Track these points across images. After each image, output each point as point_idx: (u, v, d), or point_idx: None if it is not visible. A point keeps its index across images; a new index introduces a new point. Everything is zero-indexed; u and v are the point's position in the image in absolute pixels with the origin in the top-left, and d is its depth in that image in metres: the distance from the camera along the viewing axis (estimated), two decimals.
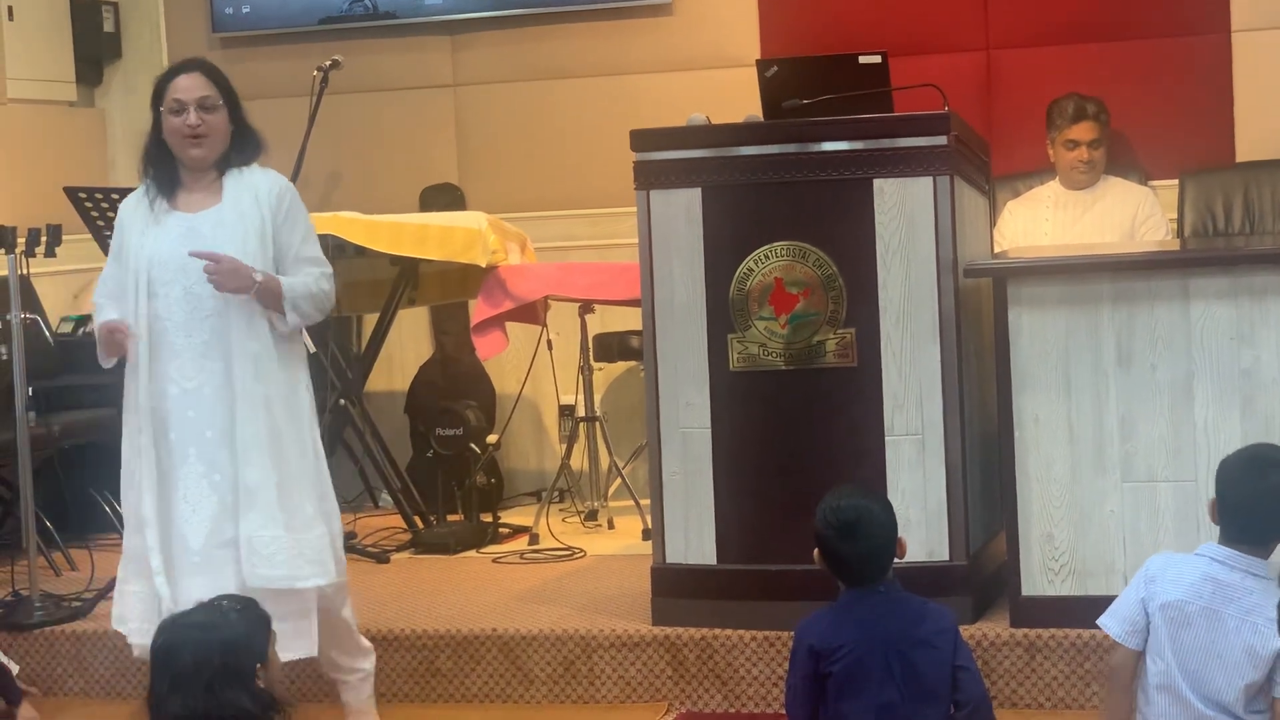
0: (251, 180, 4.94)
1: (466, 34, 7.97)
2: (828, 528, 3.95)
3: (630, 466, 7.15)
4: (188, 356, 4.85)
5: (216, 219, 4.87)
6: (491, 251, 6.78)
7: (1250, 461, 3.97)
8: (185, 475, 4.84)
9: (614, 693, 5.34)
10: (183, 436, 4.84)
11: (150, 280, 4.86)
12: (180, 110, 4.87)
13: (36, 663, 5.72)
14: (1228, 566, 3.85)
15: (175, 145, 4.90)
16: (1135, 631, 3.84)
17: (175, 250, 4.84)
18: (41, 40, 7.92)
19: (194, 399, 4.84)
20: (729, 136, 5.35)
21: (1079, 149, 6.87)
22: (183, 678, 3.40)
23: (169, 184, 4.92)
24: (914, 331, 5.17)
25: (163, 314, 4.86)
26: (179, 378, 4.85)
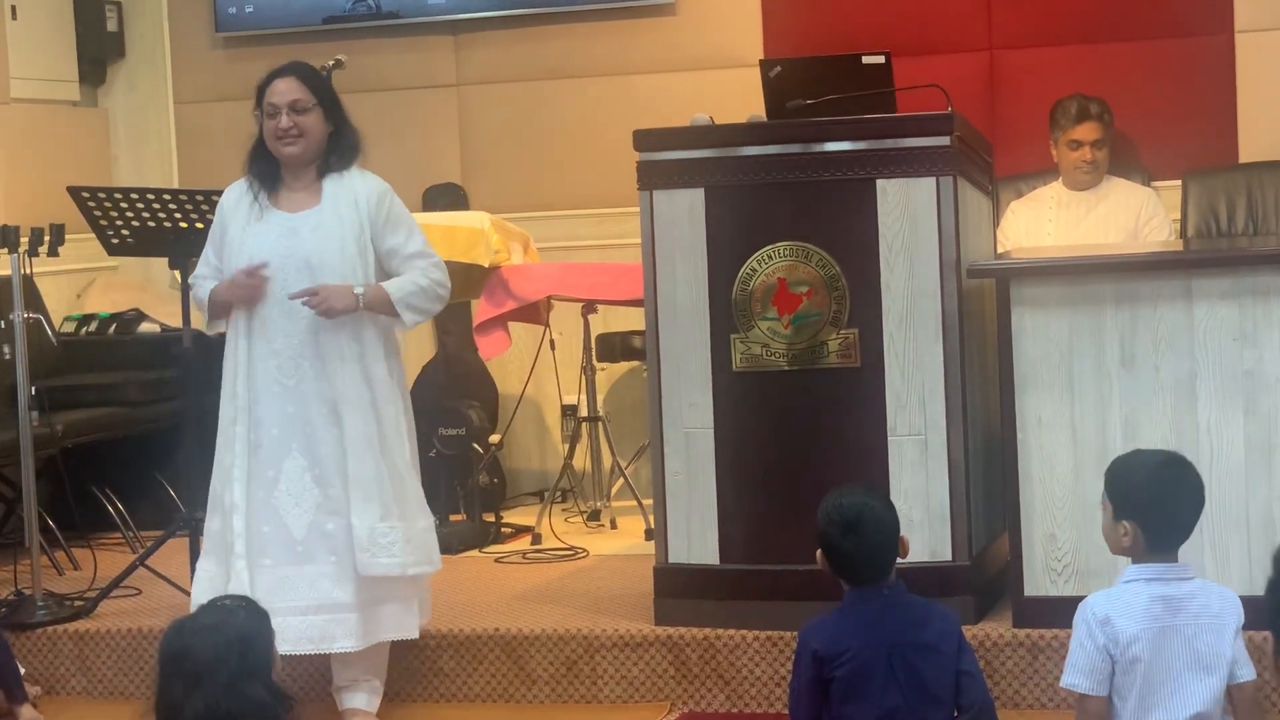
0: (350, 184, 5.10)
1: (469, 34, 7.97)
2: (830, 525, 3.95)
3: (633, 466, 7.15)
4: (286, 355, 5.02)
5: (316, 221, 5.04)
6: (494, 251, 6.78)
7: (1160, 471, 3.93)
8: (289, 469, 5.01)
9: (616, 693, 5.34)
10: (285, 432, 5.01)
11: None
12: (274, 114, 5.06)
13: (39, 662, 5.72)
14: (1164, 581, 3.84)
15: (271, 147, 5.09)
16: (1103, 679, 3.81)
17: (275, 249, 5.02)
18: (45, 39, 7.92)
19: (294, 395, 5.01)
20: (732, 137, 5.35)
21: (1082, 149, 6.87)
22: (202, 677, 3.42)
23: (271, 181, 5.10)
24: (917, 332, 5.17)
25: (263, 311, 5.02)
26: (279, 375, 5.02)
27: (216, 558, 5.07)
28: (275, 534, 5.00)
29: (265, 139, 5.10)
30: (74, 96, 8.15)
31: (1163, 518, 3.84)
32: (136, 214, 5.99)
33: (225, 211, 5.16)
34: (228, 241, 5.10)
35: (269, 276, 4.99)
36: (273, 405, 5.01)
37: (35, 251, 5.92)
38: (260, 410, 5.02)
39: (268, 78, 5.14)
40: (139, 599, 6.03)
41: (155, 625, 5.61)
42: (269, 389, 5.02)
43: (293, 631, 4.91)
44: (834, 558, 3.96)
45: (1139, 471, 3.91)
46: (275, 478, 5.00)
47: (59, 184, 6.33)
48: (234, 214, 5.12)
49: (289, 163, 5.09)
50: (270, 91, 5.09)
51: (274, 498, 5.00)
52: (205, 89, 8.22)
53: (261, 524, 5.01)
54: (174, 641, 3.51)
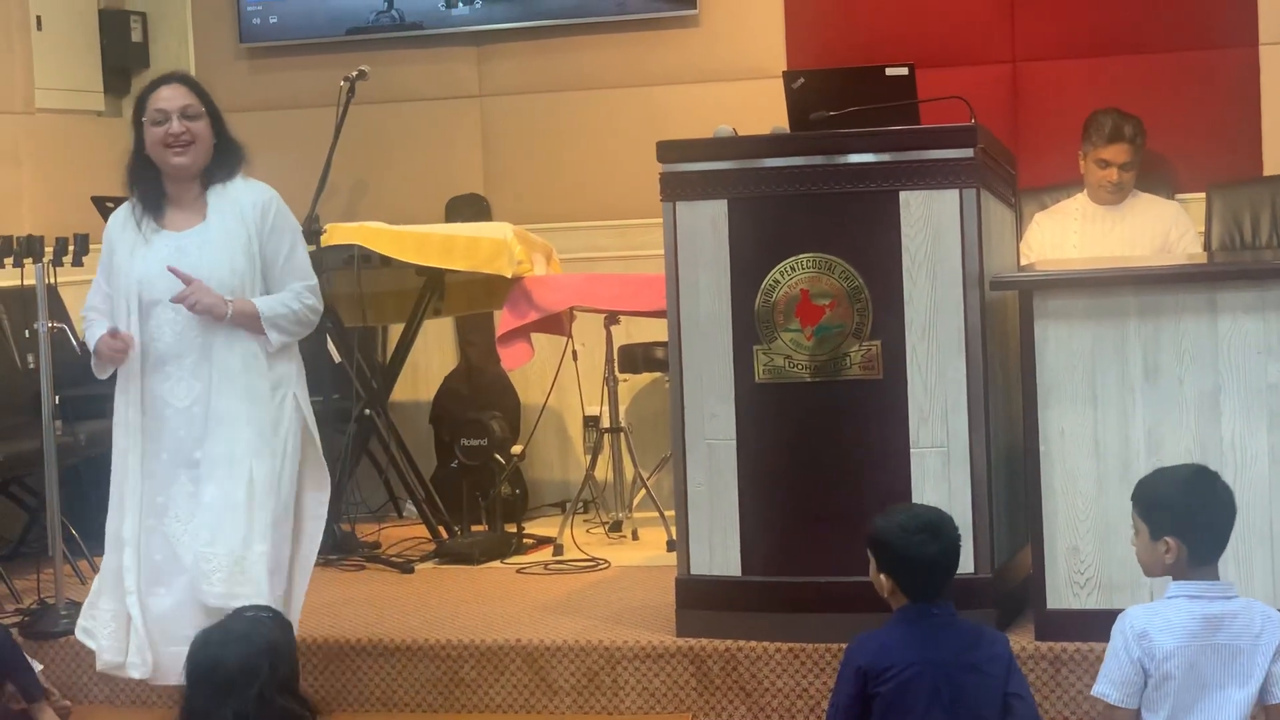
0: (234, 195, 4.97)
1: (492, 45, 7.98)
2: (914, 532, 3.92)
3: (655, 478, 7.14)
4: (178, 377, 4.90)
5: (202, 238, 4.91)
6: (517, 262, 6.78)
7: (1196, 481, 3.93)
8: (176, 494, 4.89)
9: (638, 704, 5.34)
10: (174, 456, 4.90)
11: (141, 301, 4.91)
12: (164, 120, 4.91)
13: (61, 670, 5.73)
14: (1206, 599, 3.83)
15: (158, 155, 4.93)
16: (1134, 692, 3.81)
17: (160, 272, 4.88)
18: (69, 50, 7.95)
19: (185, 418, 4.89)
20: (755, 148, 5.35)
21: (1109, 169, 6.83)
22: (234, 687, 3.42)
23: (155, 201, 4.96)
24: (940, 344, 5.16)
25: (155, 334, 4.91)
26: (171, 398, 4.90)
27: (110, 594, 4.98)
28: (169, 562, 4.89)
29: (150, 149, 4.93)
30: (99, 107, 8.18)
31: (1203, 529, 3.84)
32: None
33: (112, 236, 5.00)
34: (115, 266, 4.96)
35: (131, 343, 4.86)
36: (166, 429, 4.90)
37: (59, 261, 5.94)
38: (155, 435, 4.90)
39: (150, 86, 4.99)
40: None
41: None
42: (163, 413, 4.90)
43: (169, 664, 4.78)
44: (905, 567, 3.91)
45: (1171, 486, 3.91)
46: (165, 504, 4.90)
47: (83, 194, 6.36)
48: (120, 238, 4.97)
49: (177, 173, 4.94)
50: (155, 98, 4.93)
51: (164, 525, 4.90)
52: (229, 99, 8.11)
53: (153, 553, 4.90)
54: (203, 652, 3.51)
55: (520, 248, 6.80)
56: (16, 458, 6.43)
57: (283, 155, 7.85)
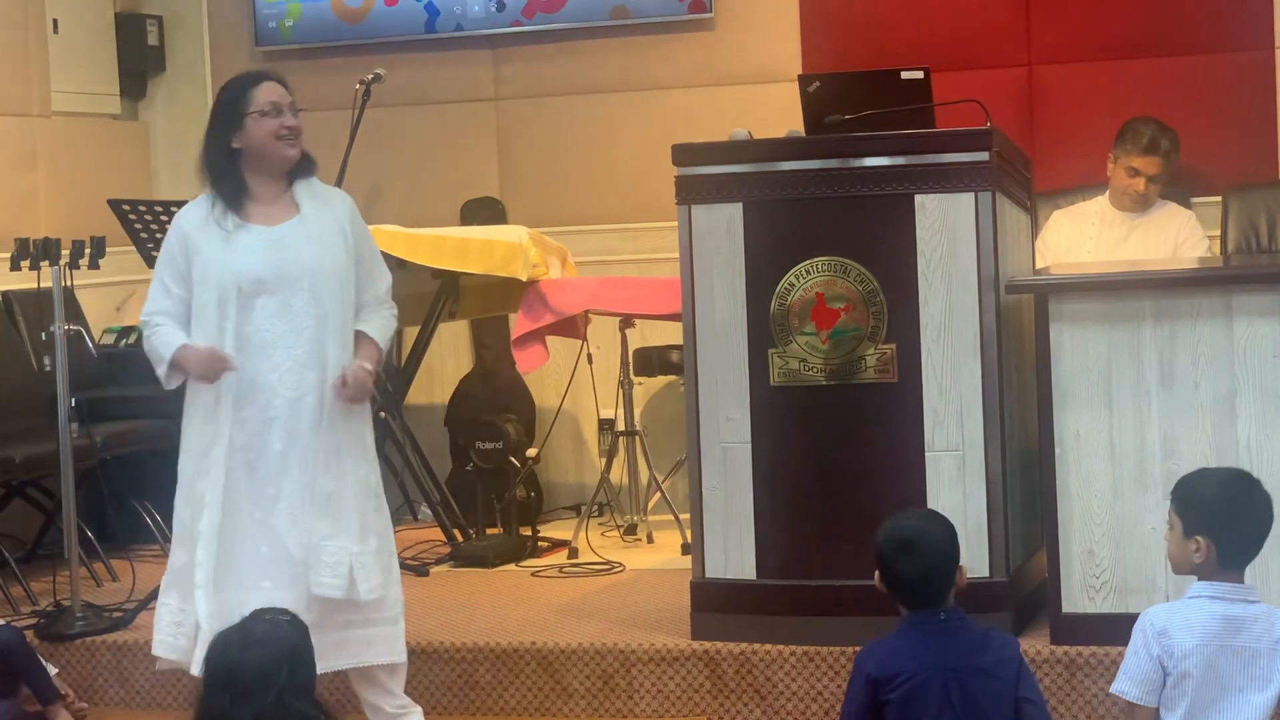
0: (322, 193, 5.02)
1: (508, 48, 7.99)
2: (887, 544, 3.94)
3: (669, 481, 7.15)
4: (288, 367, 4.87)
5: (300, 231, 4.92)
6: (532, 265, 6.79)
7: (1231, 485, 3.93)
8: (287, 487, 4.86)
9: (653, 707, 5.34)
10: (288, 447, 4.86)
11: (241, 295, 4.85)
12: (277, 112, 4.91)
13: (77, 673, 5.74)
14: (1227, 601, 3.83)
15: (269, 148, 4.91)
16: (1153, 690, 3.81)
17: (266, 264, 4.86)
18: (86, 53, 7.97)
19: (295, 409, 4.87)
20: (771, 151, 5.35)
21: (1138, 179, 6.77)
22: (252, 691, 3.42)
23: (238, 197, 4.92)
24: (955, 347, 5.16)
25: (262, 327, 4.86)
26: (281, 388, 4.87)
27: (181, 591, 4.92)
28: (274, 556, 4.86)
29: (260, 141, 4.89)
30: (115, 110, 8.19)
31: (1236, 532, 3.84)
32: None
33: (191, 235, 4.90)
34: (201, 262, 4.88)
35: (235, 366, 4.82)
36: (278, 421, 4.85)
37: (76, 264, 5.95)
38: (257, 429, 4.85)
39: (248, 82, 4.98)
40: None
41: None
42: (272, 404, 4.85)
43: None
44: (889, 578, 3.95)
45: (1210, 487, 3.91)
46: (276, 497, 4.87)
47: (99, 197, 6.37)
48: (203, 235, 4.90)
49: (281, 166, 4.93)
50: (262, 91, 4.92)
51: (273, 519, 4.86)
52: None
53: (259, 546, 4.86)
54: (222, 655, 3.50)
55: (535, 251, 6.81)
56: (33, 460, 6.44)
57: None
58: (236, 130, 4.91)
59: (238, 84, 5.00)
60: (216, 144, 4.94)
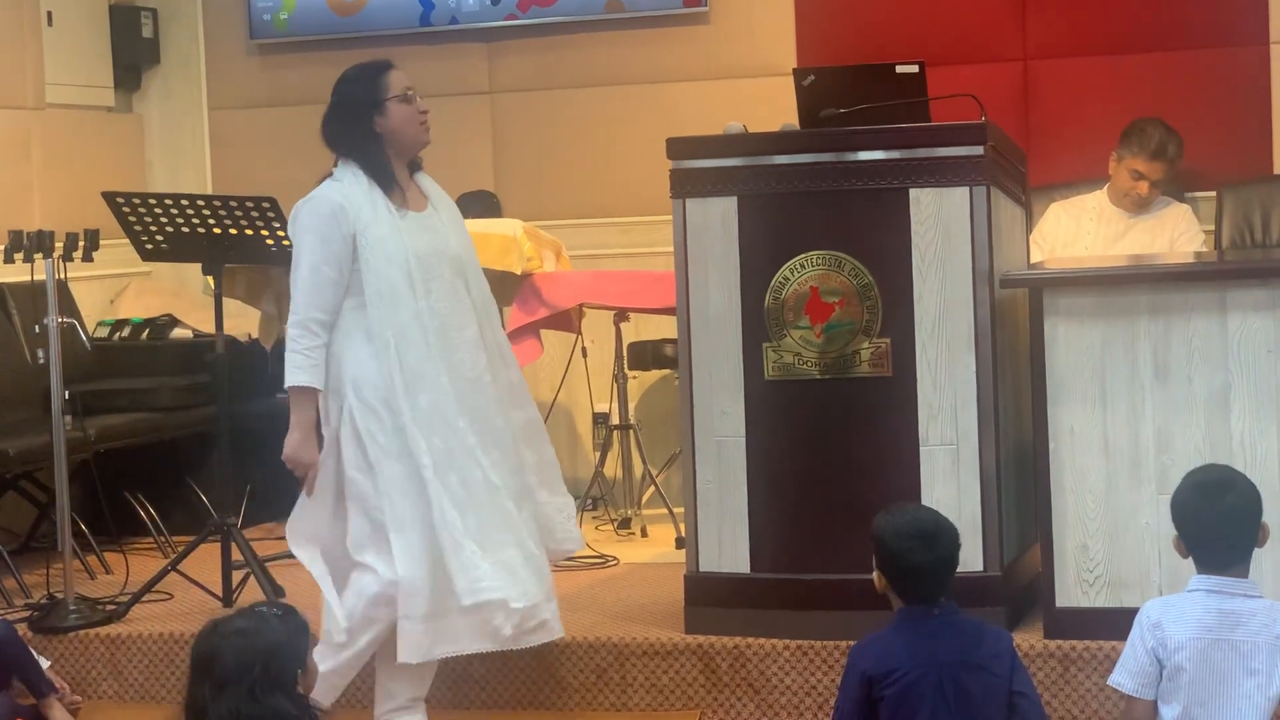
0: (434, 185, 5.19)
1: (502, 41, 7.98)
2: (904, 538, 3.91)
3: (664, 475, 7.15)
4: (465, 349, 5.01)
5: (437, 220, 5.08)
6: (526, 259, 6.78)
7: (1201, 488, 3.93)
8: (481, 461, 4.96)
9: (646, 700, 5.34)
10: (473, 425, 4.96)
11: (410, 279, 4.92)
12: (412, 99, 5.02)
13: (70, 666, 5.74)
14: (1225, 595, 3.83)
15: (410, 133, 5.03)
16: (1150, 683, 3.82)
17: (431, 247, 4.98)
18: (80, 46, 7.96)
19: (477, 388, 5.01)
20: (765, 145, 5.35)
21: (1141, 182, 6.74)
22: (226, 682, 3.43)
23: (393, 181, 5.01)
24: (949, 341, 5.16)
25: (439, 309, 4.96)
26: (462, 369, 4.98)
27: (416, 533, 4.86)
28: (487, 528, 4.94)
29: (401, 126, 4.98)
30: (109, 103, 8.19)
31: (1200, 536, 3.84)
32: (171, 220, 6.01)
33: (348, 216, 4.87)
34: (375, 244, 4.86)
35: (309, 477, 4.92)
36: (461, 400, 4.94)
37: (70, 256, 5.94)
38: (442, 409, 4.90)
39: (381, 67, 5.04)
40: (171, 604, 6.05)
41: (187, 630, 5.62)
42: (454, 386, 4.93)
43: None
44: (901, 572, 3.91)
45: (1185, 487, 3.93)
46: (473, 469, 4.94)
47: (94, 189, 6.36)
48: (373, 216, 4.90)
49: (415, 151, 5.08)
50: (398, 78, 5.01)
51: (474, 492, 4.94)
52: (239, 96, 8.25)
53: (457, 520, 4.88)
54: (205, 642, 3.53)
55: (530, 244, 6.80)
56: (27, 452, 6.43)
57: (293, 152, 7.87)
58: (377, 115, 4.99)
59: (370, 70, 5.08)
60: (360, 128, 4.99)
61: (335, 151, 5.05)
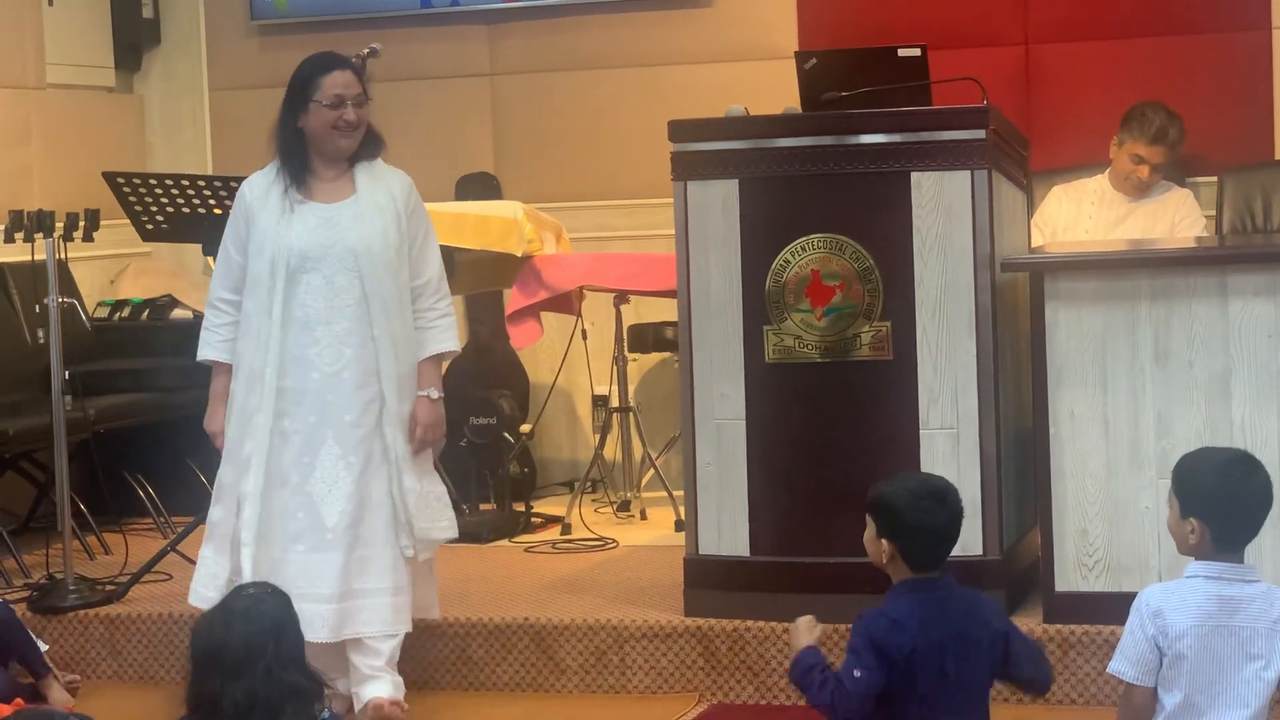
0: (381, 174, 5.16)
1: (504, 23, 7.97)
2: (922, 498, 3.88)
3: (663, 457, 7.14)
4: (327, 343, 5.02)
5: (355, 211, 5.06)
6: (527, 241, 6.78)
7: (1229, 467, 3.90)
8: (324, 457, 5.02)
9: (645, 683, 5.34)
10: (323, 420, 5.02)
11: (289, 269, 5.00)
12: (339, 105, 5.05)
13: (69, 646, 5.74)
14: (1224, 581, 3.82)
15: (323, 136, 5.07)
16: (1150, 671, 3.80)
17: (315, 240, 5.02)
18: (81, 26, 7.94)
19: (334, 383, 5.02)
20: (767, 128, 5.35)
21: (1142, 166, 6.72)
22: (241, 668, 3.42)
23: (301, 174, 5.08)
24: (950, 325, 5.16)
25: (306, 301, 5.02)
26: (319, 363, 5.02)
27: (216, 545, 5.09)
28: (309, 520, 5.01)
29: (316, 128, 5.05)
30: (109, 83, 8.17)
31: (1229, 515, 3.82)
32: (171, 200, 6.00)
33: (251, 203, 5.10)
34: (258, 233, 5.05)
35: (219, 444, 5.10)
36: (312, 394, 5.01)
37: (70, 237, 5.95)
38: (296, 399, 5.01)
39: (321, 67, 5.10)
40: (170, 584, 6.05)
41: (186, 610, 5.61)
42: (309, 376, 5.01)
43: (318, 619, 4.93)
44: (919, 533, 3.86)
45: (1206, 468, 3.89)
46: (311, 465, 5.01)
47: (94, 169, 6.36)
48: (263, 205, 5.07)
49: (339, 155, 5.09)
50: (331, 82, 5.05)
51: (309, 485, 5.02)
52: (240, 77, 8.24)
53: (296, 510, 5.02)
54: (207, 635, 3.50)
55: (530, 226, 6.79)
56: (26, 433, 6.43)
57: None
58: (302, 112, 5.07)
59: (312, 66, 5.13)
60: (286, 122, 5.11)
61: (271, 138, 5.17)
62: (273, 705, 3.42)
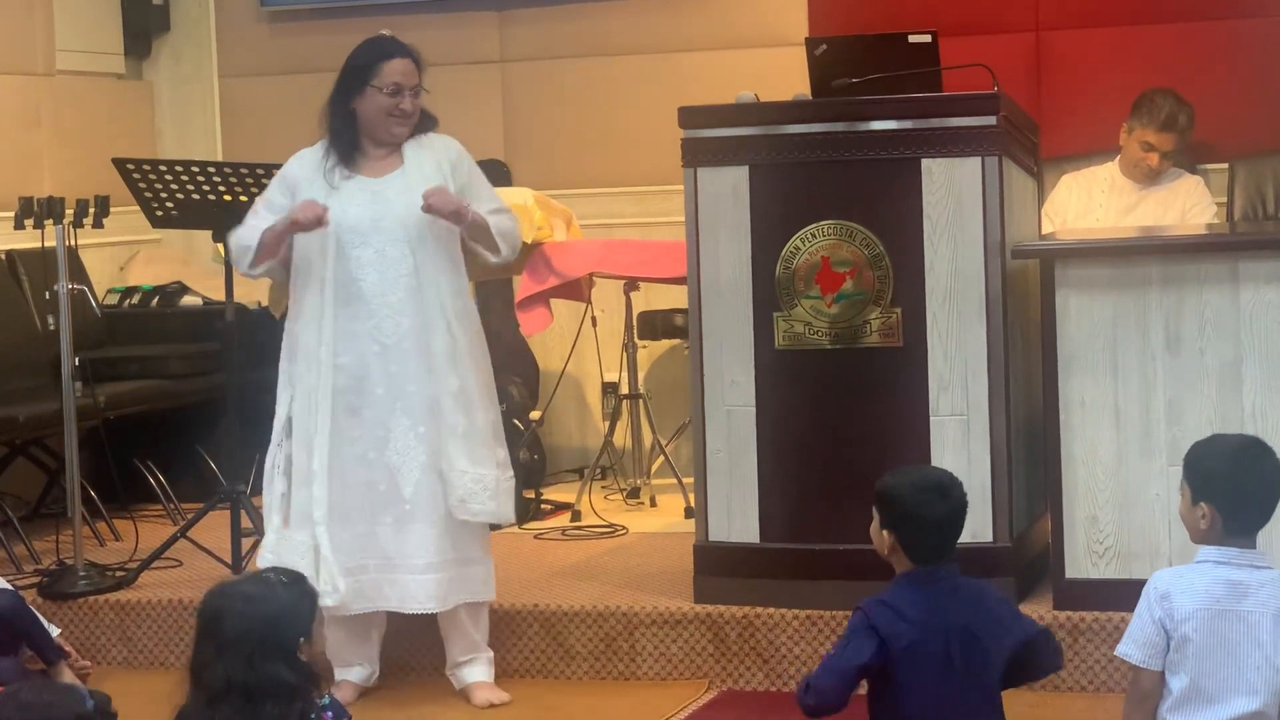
0: (429, 143, 5.16)
1: (514, 10, 7.96)
2: (925, 490, 3.88)
3: (673, 444, 7.14)
4: (384, 315, 5.04)
5: (402, 183, 5.07)
6: (537, 228, 6.77)
7: (1240, 452, 3.90)
8: (395, 427, 5.03)
9: (655, 670, 5.34)
10: (389, 391, 5.03)
11: (339, 244, 5.02)
12: (396, 93, 5.07)
13: (80, 632, 5.75)
14: (1233, 565, 3.81)
15: (377, 121, 5.09)
16: (1157, 654, 3.80)
17: (363, 214, 5.04)
18: (90, 12, 7.94)
19: (395, 354, 5.03)
20: (777, 114, 5.34)
21: (1151, 153, 6.70)
22: (225, 648, 3.43)
23: (350, 152, 5.09)
24: (960, 312, 5.15)
25: (356, 275, 5.03)
26: (378, 335, 5.03)
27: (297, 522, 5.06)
28: (390, 493, 5.03)
29: (371, 113, 5.07)
30: (119, 69, 8.17)
31: (1240, 500, 3.81)
32: (181, 186, 6.00)
33: (296, 180, 5.13)
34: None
35: (327, 220, 5.00)
36: (374, 366, 5.02)
37: (80, 223, 5.95)
38: (358, 373, 5.02)
39: (382, 53, 5.11)
40: (180, 570, 6.06)
41: (195, 597, 5.54)
42: (368, 350, 5.02)
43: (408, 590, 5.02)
44: (920, 525, 3.86)
45: (1218, 454, 3.89)
46: (385, 437, 5.03)
47: (104, 156, 6.36)
48: (310, 182, 5.09)
49: (391, 142, 5.11)
50: (389, 70, 5.07)
51: (385, 457, 5.03)
52: (250, 63, 8.24)
53: (377, 483, 5.03)
54: (211, 603, 3.52)
55: (540, 213, 6.79)
56: (36, 419, 6.44)
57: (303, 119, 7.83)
58: (357, 95, 5.08)
59: (371, 50, 5.15)
60: (339, 102, 5.12)
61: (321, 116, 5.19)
62: (250, 693, 3.41)
